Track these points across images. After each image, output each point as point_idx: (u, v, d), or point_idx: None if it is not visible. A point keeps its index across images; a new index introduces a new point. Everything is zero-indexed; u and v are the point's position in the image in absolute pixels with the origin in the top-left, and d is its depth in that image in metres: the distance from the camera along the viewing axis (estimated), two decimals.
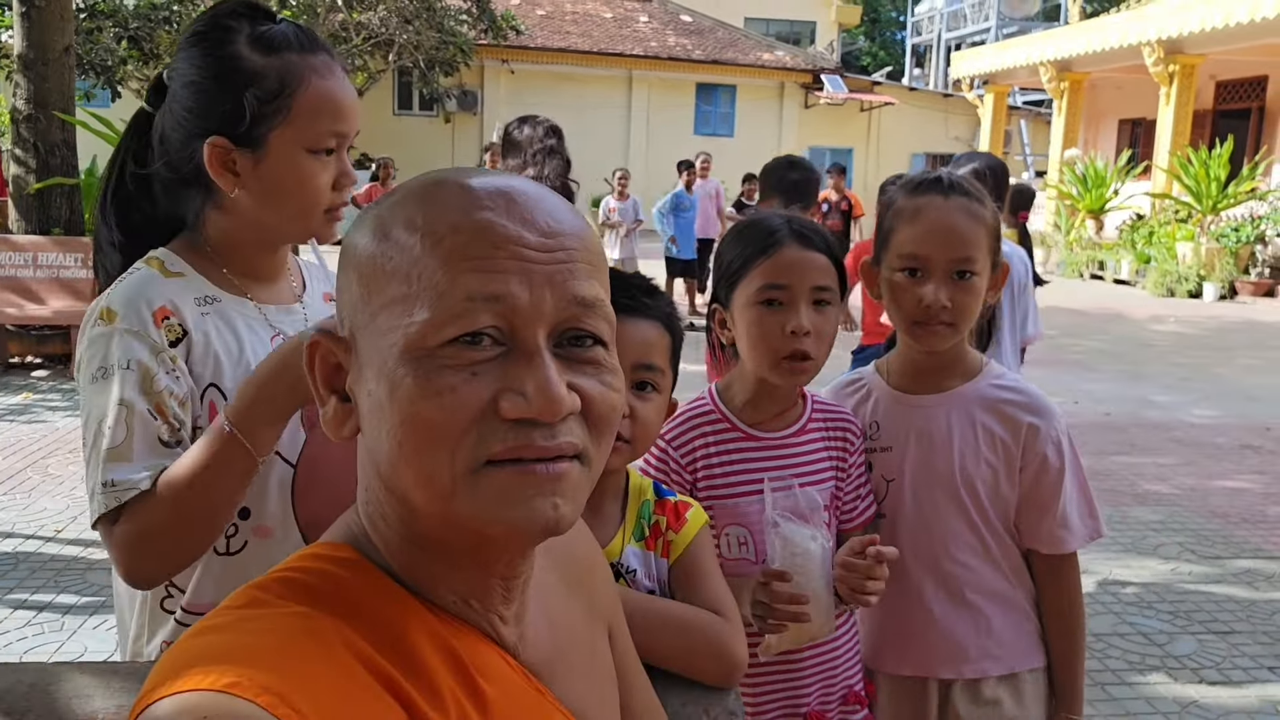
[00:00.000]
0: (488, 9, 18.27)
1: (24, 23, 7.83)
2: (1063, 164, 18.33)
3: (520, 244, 0.65)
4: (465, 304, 0.63)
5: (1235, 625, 3.72)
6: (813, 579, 1.37)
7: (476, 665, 0.68)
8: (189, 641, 0.61)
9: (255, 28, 1.25)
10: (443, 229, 0.65)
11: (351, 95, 1.29)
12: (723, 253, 1.57)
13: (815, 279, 1.47)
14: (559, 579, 0.84)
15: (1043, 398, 1.65)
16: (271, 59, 1.23)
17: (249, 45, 1.24)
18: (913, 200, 1.56)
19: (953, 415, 1.62)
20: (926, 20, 36.50)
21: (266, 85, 1.22)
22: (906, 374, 1.67)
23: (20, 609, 3.53)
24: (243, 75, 1.22)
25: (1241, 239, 14.00)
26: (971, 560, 1.62)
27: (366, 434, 0.69)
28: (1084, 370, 8.62)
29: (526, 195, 0.68)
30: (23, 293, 7.43)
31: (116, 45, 13.32)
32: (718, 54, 23.99)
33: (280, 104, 1.22)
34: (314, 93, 1.23)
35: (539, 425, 0.64)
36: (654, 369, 1.27)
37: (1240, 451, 6.27)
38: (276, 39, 1.24)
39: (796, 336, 1.44)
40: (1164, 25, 15.89)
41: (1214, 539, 4.66)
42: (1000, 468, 1.61)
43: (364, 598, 0.67)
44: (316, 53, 1.26)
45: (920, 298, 1.52)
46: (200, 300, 1.27)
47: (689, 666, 1.20)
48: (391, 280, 0.65)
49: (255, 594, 0.66)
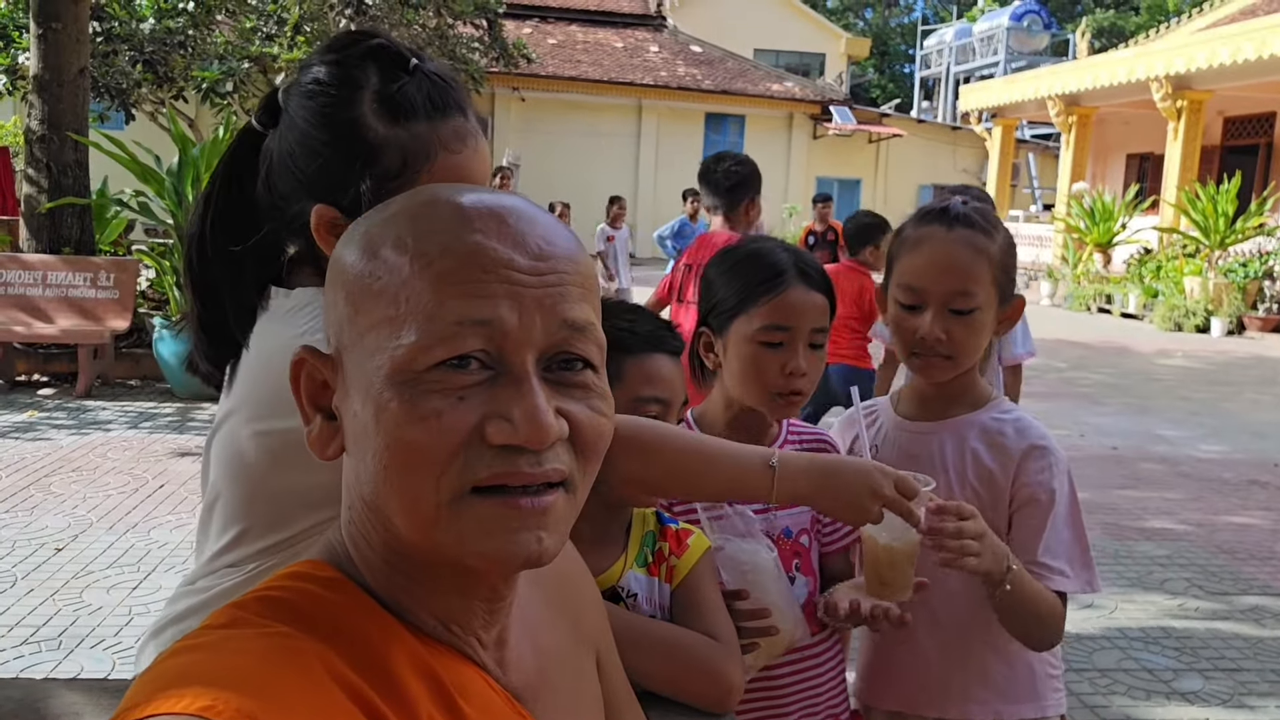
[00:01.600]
0: (500, 37, 18.43)
1: (41, 45, 7.93)
2: (1070, 197, 18.38)
3: (510, 267, 0.64)
4: (453, 328, 0.63)
5: (1242, 663, 3.68)
6: (769, 591, 1.37)
7: (457, 687, 0.67)
8: (166, 661, 0.61)
9: (385, 84, 1.11)
10: (433, 251, 0.64)
11: (483, 165, 1.15)
12: (716, 280, 1.55)
13: (815, 321, 1.49)
14: (545, 602, 0.83)
15: (1044, 434, 1.58)
16: (398, 130, 1.10)
17: (374, 110, 1.11)
18: (916, 230, 1.55)
19: (946, 442, 1.58)
20: (935, 53, 36.76)
21: (387, 163, 1.10)
22: (913, 402, 1.65)
23: (18, 627, 3.51)
24: (363, 147, 1.10)
25: (1249, 274, 13.99)
26: (960, 592, 1.53)
27: (351, 454, 0.68)
28: (1091, 404, 8.58)
29: (519, 216, 0.67)
30: (31, 311, 7.47)
31: (131, 69, 13.43)
32: (727, 84, 24.18)
33: (401, 184, 1.08)
34: (440, 171, 1.10)
35: (525, 452, 0.63)
36: (662, 401, 1.32)
37: (1248, 487, 6.22)
38: (405, 105, 1.11)
39: (794, 377, 1.46)
40: (1172, 61, 15.99)
41: (1221, 575, 4.62)
42: (986, 498, 1.54)
43: (344, 618, 0.66)
44: (450, 116, 1.12)
45: (916, 329, 1.51)
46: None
47: (681, 689, 1.19)
48: (379, 301, 0.65)
49: (235, 613, 0.65)
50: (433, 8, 16.25)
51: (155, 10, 13.28)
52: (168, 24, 13.29)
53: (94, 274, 7.61)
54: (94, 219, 8.62)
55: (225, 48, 14.33)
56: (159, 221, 8.42)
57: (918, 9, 47.87)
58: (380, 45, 1.14)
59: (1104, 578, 4.49)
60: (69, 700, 1.30)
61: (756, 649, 1.35)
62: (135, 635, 3.47)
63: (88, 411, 6.84)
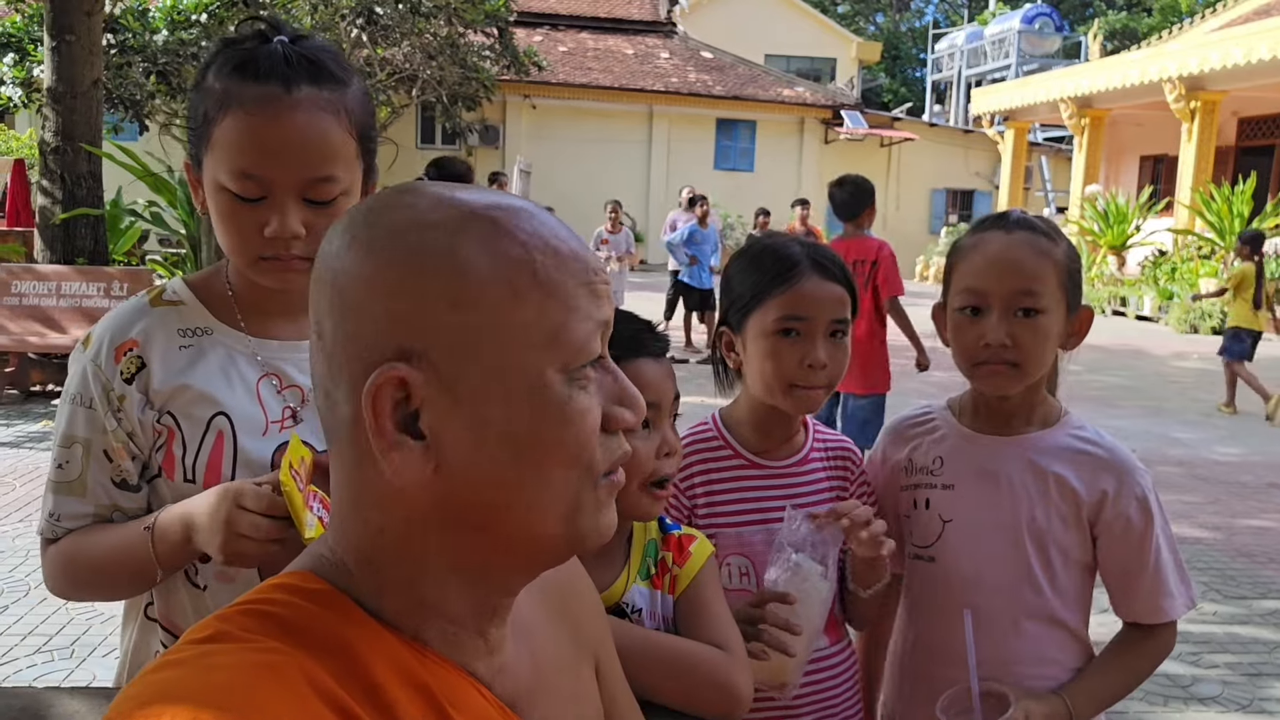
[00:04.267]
0: (511, 45, 18.49)
1: (55, 57, 7.99)
2: (1084, 200, 18.30)
3: (596, 270, 0.69)
4: (590, 328, 0.66)
5: (1262, 667, 3.63)
6: (811, 619, 1.33)
7: (450, 699, 0.66)
8: (148, 677, 0.60)
9: (238, 48, 1.16)
10: (546, 255, 0.66)
11: (294, 136, 1.11)
12: (733, 278, 1.53)
13: (833, 312, 1.45)
14: (544, 609, 0.82)
15: (1126, 453, 1.50)
16: (215, 83, 1.14)
17: (214, 67, 1.16)
18: (974, 237, 1.49)
19: (1025, 460, 1.48)
20: (947, 57, 36.68)
21: (201, 109, 1.16)
22: (979, 414, 1.54)
23: (31, 635, 3.53)
24: (197, 97, 1.18)
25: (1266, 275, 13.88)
26: (1026, 622, 1.46)
27: (461, 468, 0.64)
28: (1106, 406, 8.51)
29: (560, 223, 0.71)
30: (46, 321, 7.52)
31: (145, 80, 13.55)
32: (738, 90, 24.17)
33: (202, 130, 1.16)
34: (227, 127, 1.12)
35: (620, 435, 0.70)
36: (660, 409, 1.27)
37: (1266, 490, 6.16)
38: (227, 61, 1.14)
39: (813, 369, 1.43)
40: (1185, 62, 15.91)
41: (1240, 579, 4.57)
42: (1072, 523, 1.46)
43: (332, 631, 0.65)
44: (266, 82, 1.11)
45: (980, 335, 1.42)
46: (185, 331, 1.24)
47: (691, 702, 1.17)
48: (514, 305, 0.64)
49: (219, 626, 0.64)
50: (444, 16, 16.31)
51: (168, 22, 13.38)
52: (181, 35, 13.39)
53: (107, 284, 7.66)
54: (108, 229, 8.68)
55: None
56: (172, 232, 8.48)
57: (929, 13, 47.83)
58: (269, 21, 1.18)
59: None
60: (71, 708, 1.30)
61: (762, 659, 1.32)
62: None
63: None
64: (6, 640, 3.49)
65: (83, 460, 1.20)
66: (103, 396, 1.20)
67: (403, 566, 0.68)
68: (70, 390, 1.22)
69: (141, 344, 1.21)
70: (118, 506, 1.22)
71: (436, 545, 0.67)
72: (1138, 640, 1.49)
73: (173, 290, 1.28)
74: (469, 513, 0.66)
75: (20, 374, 7.55)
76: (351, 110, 1.17)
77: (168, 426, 1.21)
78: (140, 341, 1.21)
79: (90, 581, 1.24)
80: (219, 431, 1.20)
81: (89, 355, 1.22)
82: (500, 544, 0.67)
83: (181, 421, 1.20)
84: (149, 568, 1.16)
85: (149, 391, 1.20)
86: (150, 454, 1.22)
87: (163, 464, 1.21)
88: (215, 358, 1.23)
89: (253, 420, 1.22)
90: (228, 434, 1.20)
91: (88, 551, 1.21)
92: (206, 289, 1.28)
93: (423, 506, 0.66)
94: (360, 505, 0.68)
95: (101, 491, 1.21)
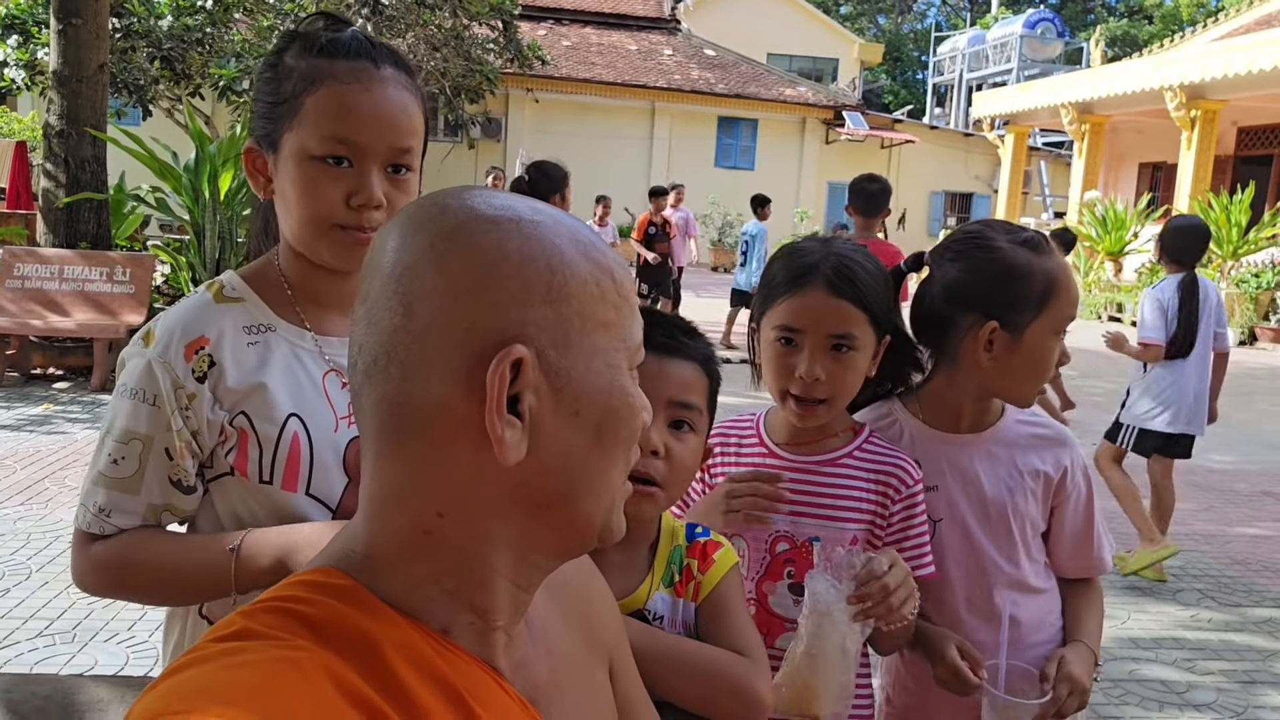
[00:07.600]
0: (515, 39, 18.45)
1: (61, 40, 7.97)
2: (1082, 206, 18.31)
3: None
4: (638, 331, 0.73)
5: (1255, 675, 3.66)
6: (826, 640, 1.32)
7: (473, 693, 0.67)
8: (172, 675, 0.60)
9: (315, 33, 1.21)
10: (618, 268, 0.72)
11: (375, 104, 1.18)
12: (766, 271, 1.54)
13: (833, 328, 1.42)
14: (559, 609, 0.83)
15: (1061, 426, 1.68)
16: (301, 62, 1.18)
17: (293, 51, 1.20)
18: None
19: (996, 453, 1.59)
20: (948, 60, 36.68)
21: (283, 88, 1.19)
22: (936, 411, 1.61)
23: (32, 619, 3.53)
24: (273, 75, 1.20)
25: (1262, 285, 13.92)
26: (1021, 597, 1.59)
27: (547, 452, 0.67)
28: (1102, 412, 8.52)
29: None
30: (48, 305, 7.51)
31: (150, 65, 13.51)
32: (740, 88, 24.15)
33: (287, 107, 1.18)
34: (324, 96, 1.16)
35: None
36: (692, 407, 1.25)
37: (1260, 498, 6.19)
38: (313, 42, 1.19)
39: (805, 382, 1.43)
40: (1186, 71, 15.92)
41: (1234, 586, 4.60)
42: (1041, 500, 1.61)
43: (356, 627, 0.65)
44: (355, 59, 1.18)
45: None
46: (250, 329, 1.24)
47: (712, 708, 1.17)
48: (599, 304, 0.69)
49: (242, 623, 0.64)
50: (449, 9, 16.27)
51: (174, 8, 13.35)
52: (186, 21, 13.35)
53: (110, 269, 7.66)
54: (111, 214, 8.66)
55: (242, 46, 14.39)
56: (175, 217, 8.46)
57: (931, 15, 47.81)
58: (328, 14, 1.25)
59: (1116, 588, 4.48)
60: (97, 695, 1.31)
61: (786, 691, 1.32)
62: (149, 629, 3.49)
63: (102, 405, 6.86)
64: (8, 624, 3.49)
65: (141, 457, 1.19)
66: (170, 394, 1.18)
67: (447, 557, 0.68)
68: (129, 385, 1.20)
69: (214, 342, 1.21)
70: (170, 506, 1.22)
71: (499, 531, 0.68)
72: (1086, 590, 1.67)
73: (230, 285, 1.27)
74: (540, 496, 0.68)
75: (21, 357, 7.54)
76: (421, 96, 1.25)
77: (240, 428, 1.20)
78: (213, 339, 1.21)
79: (147, 589, 1.22)
80: (294, 433, 1.20)
81: (155, 351, 1.20)
82: (555, 527, 0.70)
83: (256, 422, 1.20)
84: (223, 588, 1.15)
85: (218, 390, 1.20)
86: (213, 453, 1.21)
87: (235, 463, 1.21)
88: (281, 355, 1.24)
89: (324, 418, 1.23)
90: (303, 435, 1.21)
91: (152, 561, 1.19)
92: (262, 283, 1.28)
93: (499, 490, 0.67)
94: (414, 495, 0.67)
95: (157, 490, 1.20)
